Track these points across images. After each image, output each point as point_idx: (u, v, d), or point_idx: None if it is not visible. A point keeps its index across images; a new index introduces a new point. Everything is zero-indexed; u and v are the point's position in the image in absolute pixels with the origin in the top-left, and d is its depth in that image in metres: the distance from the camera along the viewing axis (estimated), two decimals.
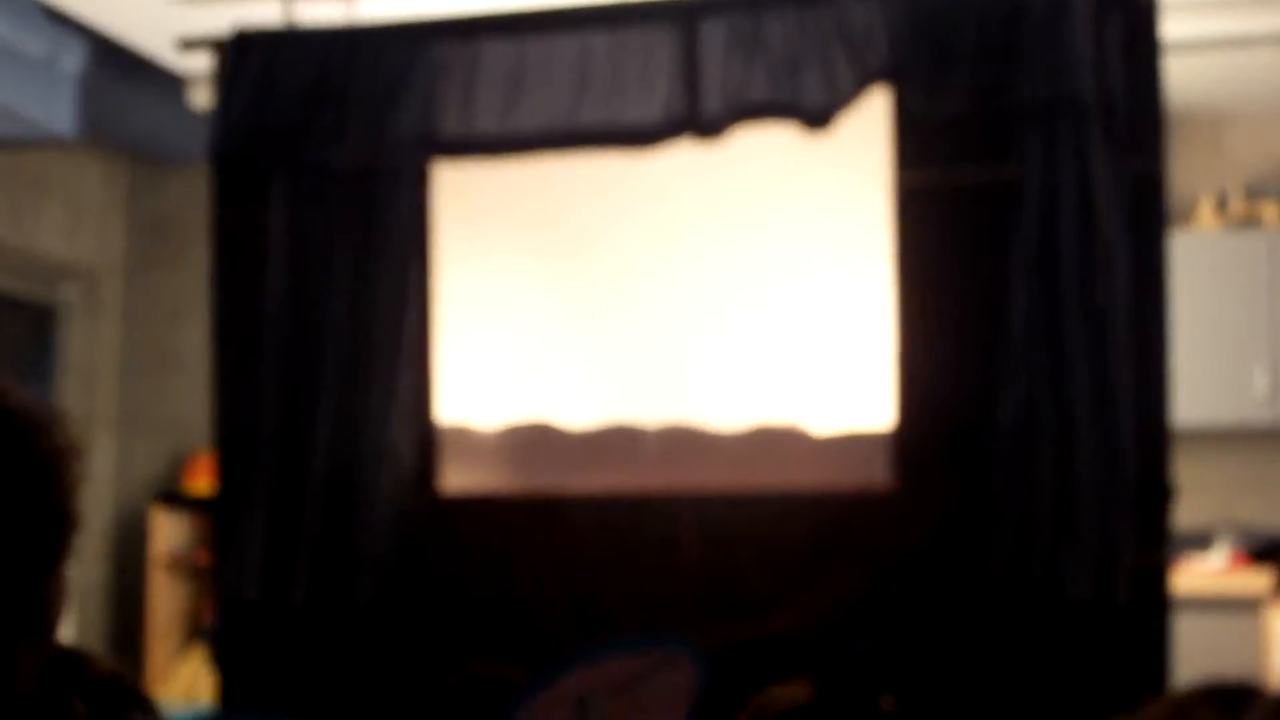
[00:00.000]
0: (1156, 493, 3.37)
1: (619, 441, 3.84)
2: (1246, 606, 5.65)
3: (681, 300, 3.85)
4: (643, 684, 2.84)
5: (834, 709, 1.88)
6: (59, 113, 5.96)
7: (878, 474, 3.51)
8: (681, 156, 3.52)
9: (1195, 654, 4.21)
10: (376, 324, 3.66)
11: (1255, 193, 6.89)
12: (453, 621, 3.63)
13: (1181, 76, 5.12)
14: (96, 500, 7.44)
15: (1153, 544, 3.35)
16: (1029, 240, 3.33)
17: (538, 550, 3.59)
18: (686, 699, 2.81)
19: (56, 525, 1.56)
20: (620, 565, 3.54)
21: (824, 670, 1.91)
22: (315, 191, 3.75)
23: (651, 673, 2.82)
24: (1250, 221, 6.81)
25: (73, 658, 1.83)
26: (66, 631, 1.81)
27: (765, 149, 3.57)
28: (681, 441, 3.79)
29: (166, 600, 7.54)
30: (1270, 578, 6.23)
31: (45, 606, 1.54)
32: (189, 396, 7.23)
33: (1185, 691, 2.19)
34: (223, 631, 3.95)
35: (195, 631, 7.56)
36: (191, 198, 6.74)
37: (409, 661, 3.64)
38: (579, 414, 3.90)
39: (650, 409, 3.83)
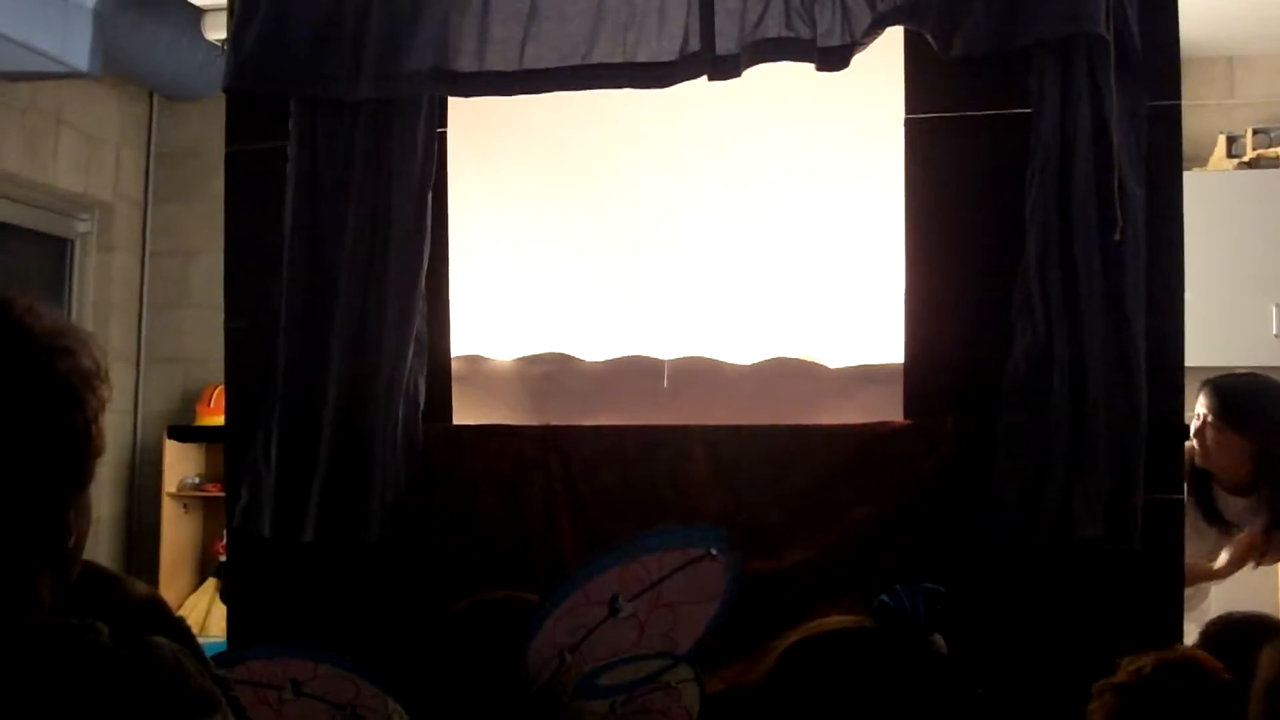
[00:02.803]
0: (1170, 432, 3.38)
1: (634, 375, 3.84)
2: None
3: (698, 234, 3.85)
4: (671, 578, 2.83)
5: (886, 639, 1.88)
6: (75, 47, 5.96)
7: (893, 410, 3.52)
8: (698, 90, 3.50)
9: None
10: (391, 257, 3.65)
11: (1268, 134, 6.87)
12: (464, 553, 3.65)
13: (1195, 18, 5.09)
14: (110, 433, 7.46)
15: (1166, 484, 3.36)
16: (1043, 177, 3.33)
17: (550, 481, 3.60)
18: (720, 590, 2.81)
19: (79, 449, 1.56)
20: (632, 498, 3.55)
21: (878, 603, 1.91)
22: (329, 125, 3.74)
23: (680, 566, 2.82)
24: (1263, 162, 6.79)
25: (106, 580, 1.84)
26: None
27: (783, 83, 3.56)
28: (697, 375, 3.80)
29: (179, 533, 7.60)
30: None
31: (65, 530, 1.55)
32: (203, 330, 7.26)
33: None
34: (233, 565, 3.98)
35: (207, 564, 7.61)
36: (207, 132, 6.76)
37: (420, 594, 3.66)
38: (594, 347, 3.91)
39: (666, 343, 3.84)
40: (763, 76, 3.50)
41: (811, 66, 3.44)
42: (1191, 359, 3.43)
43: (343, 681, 3.11)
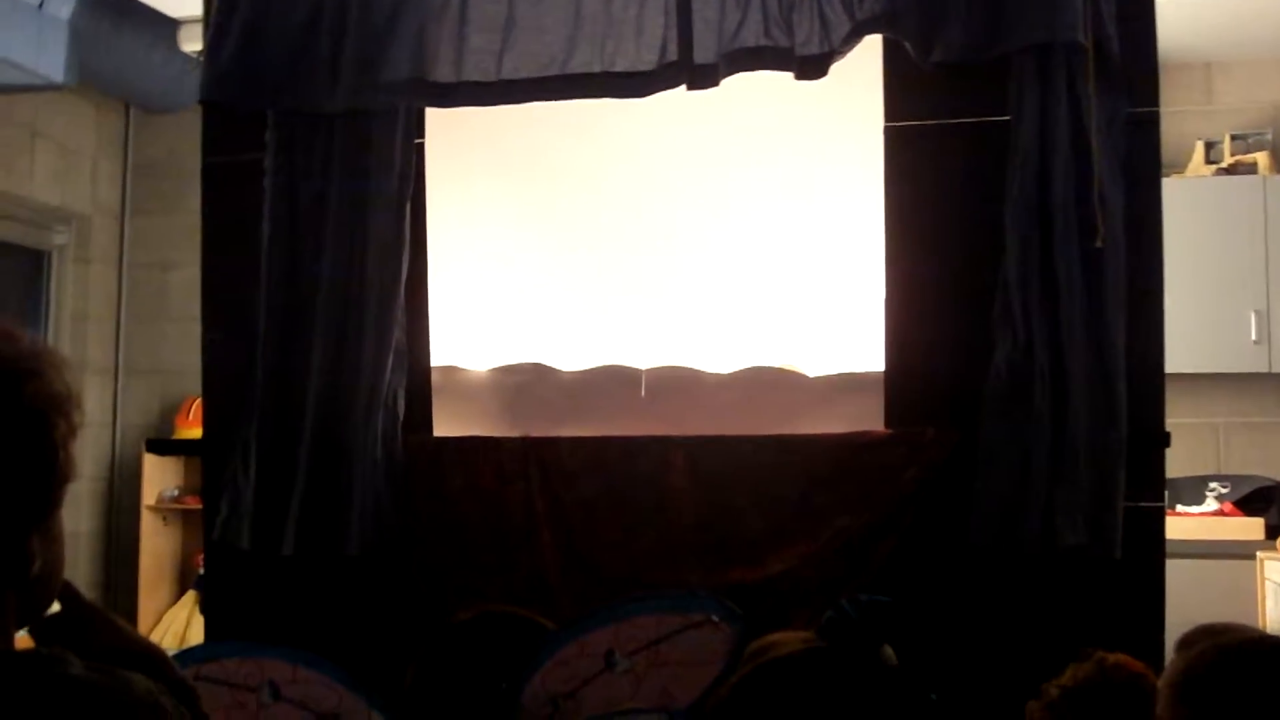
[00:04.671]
0: (1151, 439, 3.38)
1: (612, 384, 3.83)
2: (1237, 553, 5.67)
3: (677, 243, 3.84)
4: (670, 640, 2.84)
5: (835, 657, 1.88)
6: (50, 58, 5.93)
7: (873, 419, 3.52)
8: (676, 99, 3.50)
9: (1188, 600, 4.23)
10: (370, 268, 3.64)
11: (1246, 140, 6.89)
12: (445, 566, 3.63)
13: (1173, 24, 5.10)
14: (88, 445, 7.44)
15: (1147, 490, 3.36)
16: (1023, 185, 3.32)
17: (530, 493, 3.59)
18: (723, 653, 2.81)
19: (44, 475, 1.50)
20: (613, 509, 3.55)
21: (826, 619, 1.90)
22: (306, 137, 3.73)
23: (679, 630, 2.82)
24: (1241, 168, 6.81)
25: (107, 628, 1.80)
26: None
27: (760, 91, 3.56)
28: (675, 385, 3.79)
29: (158, 546, 7.55)
30: (1261, 524, 6.26)
31: (28, 557, 1.49)
32: (181, 342, 7.23)
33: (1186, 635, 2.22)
34: (212, 578, 3.95)
35: (187, 577, 7.57)
36: (184, 143, 6.72)
37: (404, 607, 3.65)
38: (571, 357, 3.89)
39: (644, 352, 3.83)
40: (741, 86, 3.49)
41: (790, 75, 3.43)
42: (1171, 365, 3.43)
43: (324, 689, 3.09)
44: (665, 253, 3.86)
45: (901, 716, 1.88)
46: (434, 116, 3.80)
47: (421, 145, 3.78)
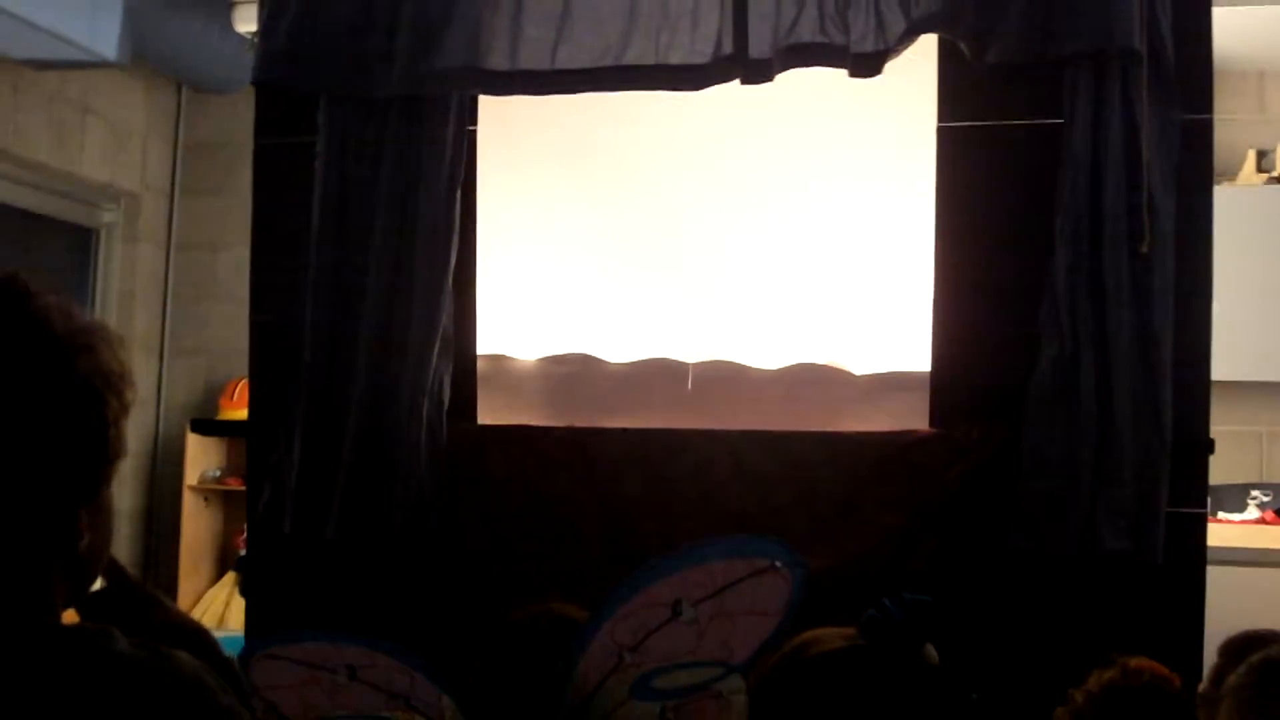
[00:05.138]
0: (1194, 445, 3.37)
1: (659, 377, 3.84)
2: (1278, 561, 5.64)
3: (726, 237, 3.84)
4: (734, 588, 2.82)
5: (877, 655, 1.88)
6: (103, 35, 5.96)
7: (918, 418, 3.51)
8: (730, 94, 3.50)
9: (1228, 608, 4.22)
10: (419, 254, 3.66)
11: None
12: (487, 554, 3.65)
13: (1226, 32, 5.06)
14: (132, 425, 7.48)
15: (1190, 497, 3.35)
16: (1074, 188, 3.32)
17: (575, 484, 3.61)
18: (782, 604, 2.79)
19: (96, 452, 1.51)
20: (657, 501, 3.55)
21: (867, 617, 1.91)
22: (359, 121, 3.74)
23: (744, 577, 2.80)
24: None
25: (152, 604, 1.82)
26: None
27: (814, 87, 3.56)
28: (721, 379, 3.79)
29: (199, 526, 7.60)
30: None
31: (77, 533, 1.50)
32: (228, 323, 7.27)
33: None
34: (253, 560, 3.97)
35: (228, 558, 7.61)
36: (236, 124, 6.75)
37: (442, 595, 3.66)
38: (618, 348, 3.90)
39: (691, 346, 3.83)
40: (795, 81, 3.49)
41: (844, 72, 3.43)
42: (1216, 373, 3.42)
43: (398, 674, 3.11)
44: (714, 246, 3.86)
45: (942, 716, 1.88)
46: (487, 104, 3.82)
47: (474, 133, 3.80)
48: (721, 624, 2.92)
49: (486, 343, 3.89)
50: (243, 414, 4.37)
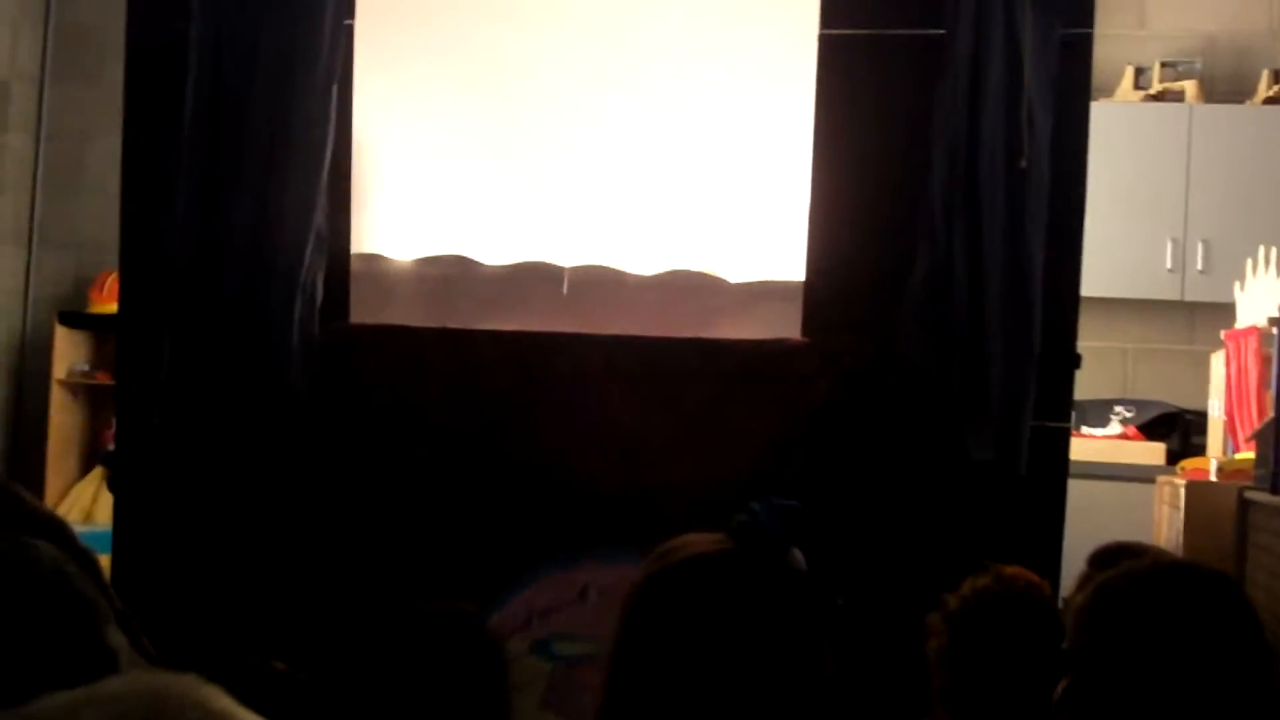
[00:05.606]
0: (1062, 361, 3.42)
1: (535, 280, 3.82)
2: (1138, 476, 5.76)
3: (605, 141, 3.82)
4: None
5: (745, 559, 1.90)
6: None
7: (791, 327, 3.53)
8: None
9: (1088, 520, 4.31)
10: (293, 149, 3.60)
11: (1175, 68, 6.92)
12: (359, 453, 3.63)
13: None
14: None
15: (1055, 411, 3.41)
16: (953, 100, 3.34)
17: (446, 385, 3.59)
18: None
19: None
20: (530, 404, 3.56)
21: (736, 521, 1.92)
22: (234, 11, 3.66)
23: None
24: (1169, 95, 6.85)
25: (9, 497, 1.79)
26: None
27: None
28: (597, 283, 3.78)
29: (67, 421, 7.47)
30: (1162, 449, 6.36)
31: None
32: (99, 215, 7.09)
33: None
34: (121, 455, 3.92)
35: (95, 453, 7.51)
36: (109, 10, 6.57)
37: (310, 491, 3.65)
38: (495, 251, 3.87)
39: (568, 250, 3.82)
40: None
41: None
42: (1085, 289, 3.47)
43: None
44: (593, 151, 3.83)
45: (808, 620, 1.90)
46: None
47: (351, 27, 3.73)
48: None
49: (361, 241, 3.84)
50: (113, 308, 4.29)
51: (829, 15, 3.53)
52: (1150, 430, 6.64)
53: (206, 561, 3.70)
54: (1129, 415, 6.70)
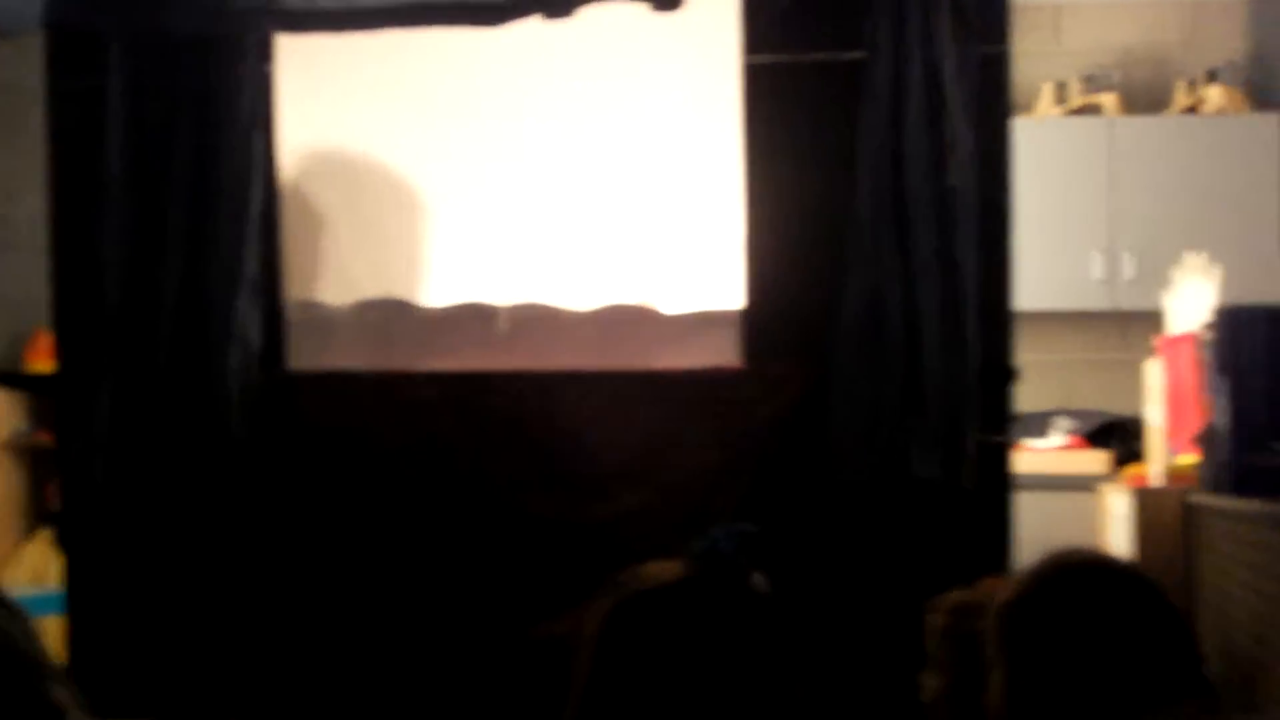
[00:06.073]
0: (1000, 375, 3.44)
1: (471, 320, 3.82)
2: (1083, 485, 5.81)
3: (535, 178, 3.82)
4: None
5: (704, 587, 1.90)
6: None
7: (729, 355, 3.54)
8: (534, 29, 3.48)
9: (1035, 531, 4.33)
10: (221, 198, 3.58)
11: (1093, 82, 7.01)
12: (302, 500, 3.61)
13: None
14: None
15: (996, 425, 3.43)
16: (876, 123, 3.36)
17: (387, 428, 3.58)
18: None
19: None
20: (471, 444, 3.55)
21: (697, 548, 1.92)
22: (154, 62, 3.65)
23: None
24: (1089, 109, 6.94)
25: None
26: None
27: (619, 25, 3.54)
28: (533, 321, 3.78)
29: (9, 483, 7.40)
30: (1105, 458, 6.41)
31: None
32: (26, 274, 7.02)
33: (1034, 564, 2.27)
34: (67, 513, 3.89)
35: (40, 515, 7.43)
36: (26, 68, 6.52)
37: (256, 539, 3.63)
38: (431, 292, 3.87)
39: (503, 288, 3.81)
40: (599, 18, 3.47)
41: (648, 7, 3.42)
42: (1020, 304, 3.50)
43: None
44: (524, 188, 3.83)
45: (774, 642, 1.91)
46: (285, 42, 3.73)
47: (269, 72, 3.71)
48: None
49: (296, 288, 3.82)
50: (49, 366, 4.26)
51: (751, 42, 3.55)
52: (1095, 439, 6.70)
53: (160, 615, 3.67)
54: (1072, 425, 6.75)
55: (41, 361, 6.80)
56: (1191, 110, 6.91)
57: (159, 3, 3.57)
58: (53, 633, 3.66)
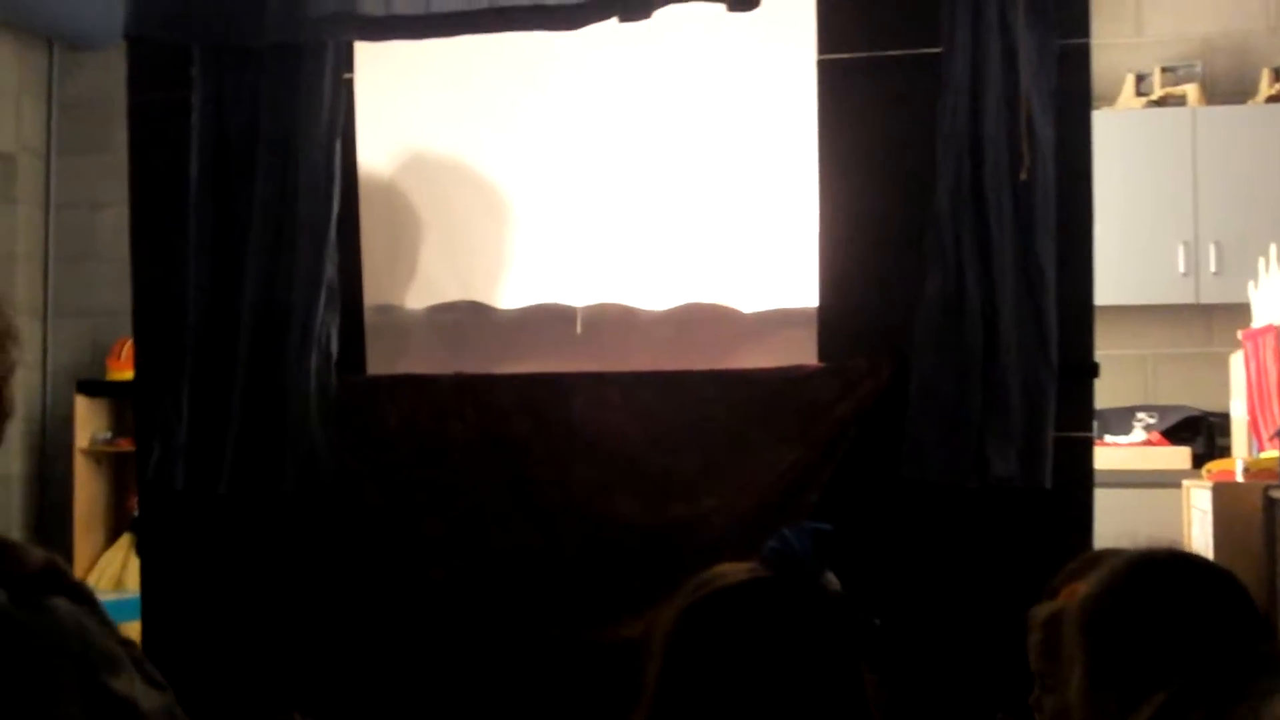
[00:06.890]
0: (1080, 371, 3.40)
1: (548, 322, 3.83)
2: (1167, 481, 5.74)
3: (611, 179, 3.82)
4: None
5: (781, 585, 1.90)
6: None
7: (807, 353, 3.53)
8: (611, 32, 3.47)
9: (1118, 529, 4.27)
10: (301, 206, 3.61)
11: (1175, 72, 6.93)
12: (381, 505, 3.63)
13: None
14: (18, 389, 7.34)
15: (1076, 421, 3.39)
16: (954, 118, 3.33)
17: (466, 431, 3.59)
18: None
19: None
20: (548, 446, 3.55)
21: (768, 548, 1.92)
22: (234, 73, 3.68)
23: None
24: (1171, 100, 6.85)
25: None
26: None
27: (694, 24, 3.54)
28: (610, 321, 3.79)
29: (92, 489, 7.49)
30: (1188, 453, 6.34)
31: None
32: (112, 283, 7.13)
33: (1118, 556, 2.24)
34: (147, 520, 3.93)
35: (122, 519, 7.52)
36: (110, 79, 6.61)
37: (335, 545, 3.65)
38: (508, 295, 3.88)
39: (580, 290, 3.82)
40: (675, 19, 3.47)
41: (723, 7, 3.41)
42: (1100, 297, 3.45)
43: None
44: (600, 189, 3.83)
45: (847, 642, 1.90)
46: (364, 50, 3.76)
47: (351, 80, 3.74)
48: None
49: (374, 293, 3.85)
50: (130, 374, 4.30)
51: (826, 41, 3.54)
52: (1174, 435, 6.63)
53: (235, 621, 3.71)
54: (1152, 421, 6.68)
55: (123, 369, 6.88)
56: (1276, 99, 6.80)
57: (238, 13, 3.59)
58: (133, 638, 3.70)
